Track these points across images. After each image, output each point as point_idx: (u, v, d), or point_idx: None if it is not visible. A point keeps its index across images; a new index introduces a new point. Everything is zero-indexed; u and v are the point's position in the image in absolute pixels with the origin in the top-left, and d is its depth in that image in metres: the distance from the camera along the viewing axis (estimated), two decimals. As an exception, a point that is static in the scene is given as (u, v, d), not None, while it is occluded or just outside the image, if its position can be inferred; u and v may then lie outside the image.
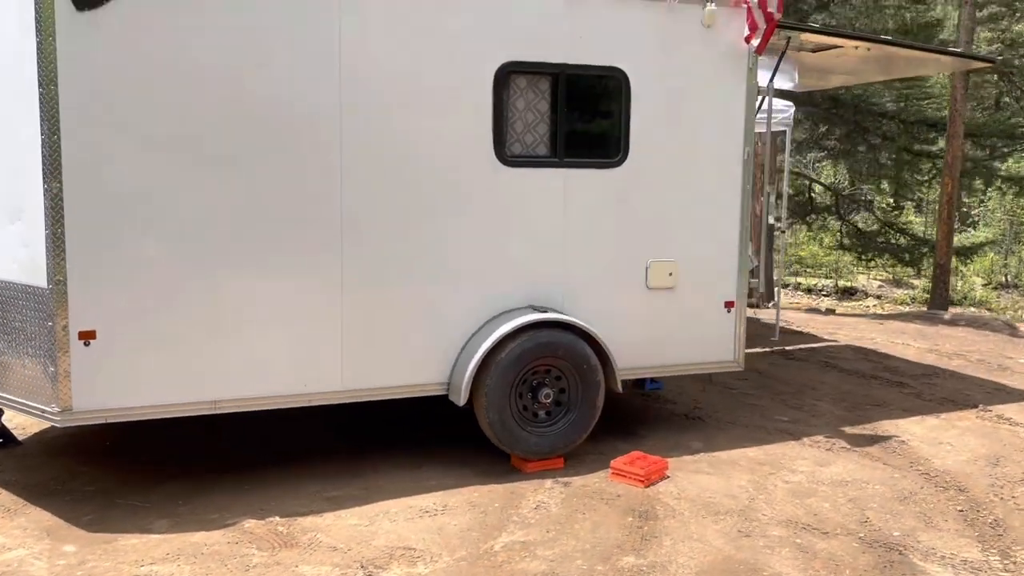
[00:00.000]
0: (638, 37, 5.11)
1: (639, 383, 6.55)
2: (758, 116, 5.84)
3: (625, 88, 5.10)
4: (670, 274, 5.34)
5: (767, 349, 8.31)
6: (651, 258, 5.29)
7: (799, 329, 9.67)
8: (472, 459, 5.04)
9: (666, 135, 5.26)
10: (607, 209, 5.16)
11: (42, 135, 3.97)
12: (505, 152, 4.88)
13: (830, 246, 18.29)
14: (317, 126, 4.46)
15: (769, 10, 5.16)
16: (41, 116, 3.97)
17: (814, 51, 6.45)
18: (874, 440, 5.55)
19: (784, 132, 8.58)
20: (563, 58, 4.93)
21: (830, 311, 12.43)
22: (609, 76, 5.07)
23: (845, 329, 9.80)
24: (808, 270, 20.73)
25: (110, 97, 4.07)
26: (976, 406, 6.37)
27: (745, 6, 5.21)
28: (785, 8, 5.72)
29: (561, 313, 5.01)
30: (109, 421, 4.31)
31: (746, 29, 5.23)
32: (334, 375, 4.63)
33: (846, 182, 17.61)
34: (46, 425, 5.17)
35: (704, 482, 4.77)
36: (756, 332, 9.11)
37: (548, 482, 4.78)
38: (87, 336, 4.15)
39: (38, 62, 3.93)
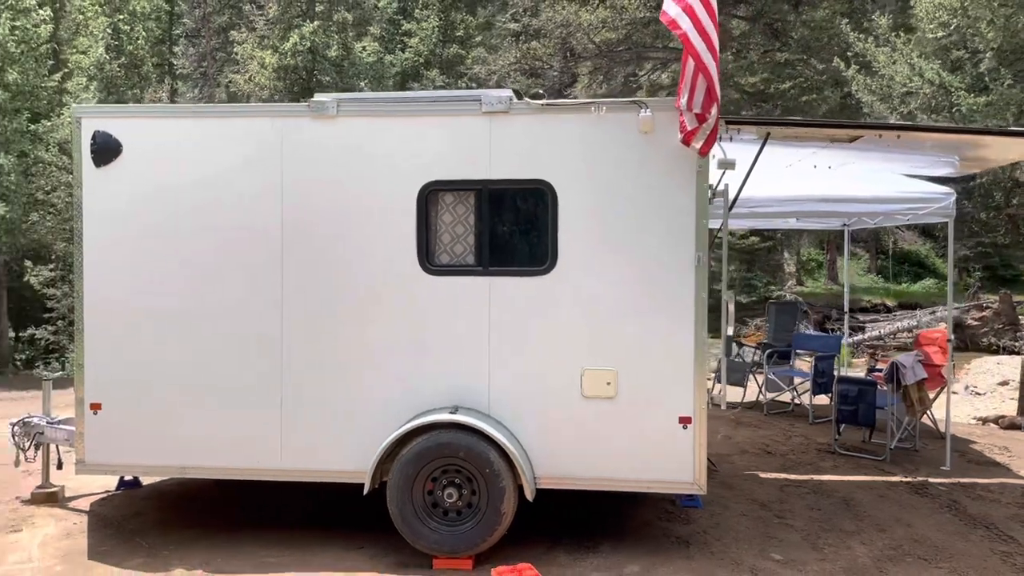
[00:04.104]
0: (565, 147, 5.18)
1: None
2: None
3: (551, 198, 5.18)
4: (608, 383, 5.16)
5: (905, 479, 7.01)
6: (586, 365, 5.18)
7: (1004, 461, 7.86)
8: (407, 547, 5.34)
9: (600, 241, 5.17)
10: (535, 315, 5.22)
11: (76, 254, 5.49)
12: (430, 262, 5.29)
13: None
14: (265, 246, 5.38)
15: (696, 111, 4.86)
16: (76, 239, 5.50)
17: (850, 141, 5.64)
18: (843, 598, 4.62)
19: (947, 223, 7.27)
20: (485, 174, 5.23)
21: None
22: (533, 188, 5.21)
23: (1081, 464, 7.72)
24: None
25: (116, 223, 5.46)
26: (1066, 580, 4.84)
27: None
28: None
29: (485, 415, 5.18)
30: (107, 474, 5.59)
31: (679, 134, 4.96)
32: (274, 456, 5.39)
33: None
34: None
35: (567, 607, 4.52)
36: (933, 456, 7.71)
37: (437, 581, 4.94)
38: (95, 407, 5.51)
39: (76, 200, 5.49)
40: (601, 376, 5.17)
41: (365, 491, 5.19)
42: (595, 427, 5.18)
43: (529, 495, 5.10)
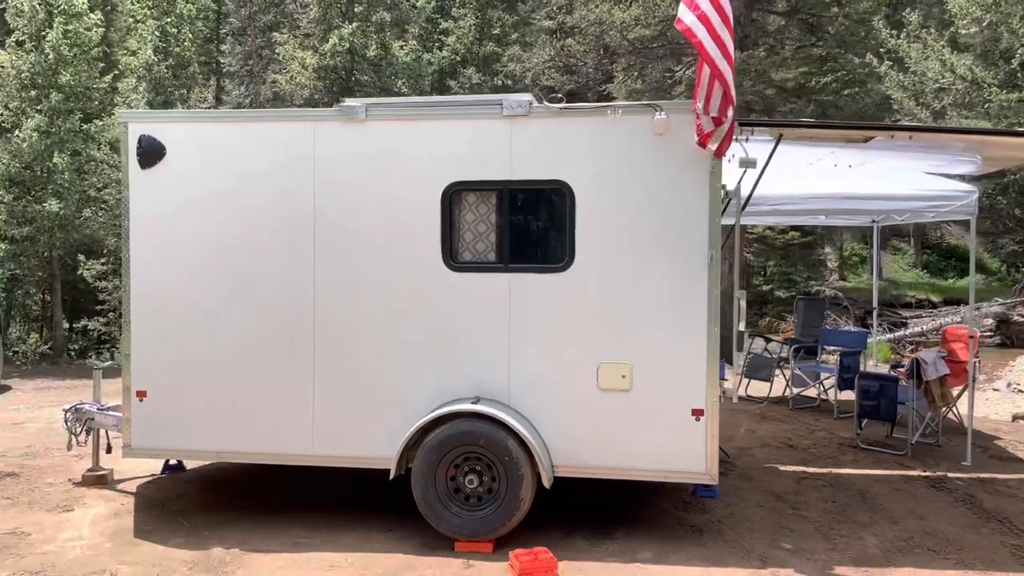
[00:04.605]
0: (582, 149, 5.39)
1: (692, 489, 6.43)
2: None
3: (569, 198, 5.40)
4: (623, 376, 5.36)
5: (924, 473, 7.10)
6: (602, 359, 5.39)
7: (1028, 456, 7.89)
8: (431, 530, 5.60)
9: (616, 240, 5.37)
10: (553, 310, 5.44)
11: (124, 250, 5.85)
12: (453, 259, 5.54)
13: None
14: (297, 244, 5.67)
15: (713, 115, 5.03)
16: (123, 236, 5.86)
17: (865, 141, 5.75)
18: (848, 585, 4.79)
19: (969, 221, 7.32)
20: (506, 175, 5.46)
21: None
22: (552, 188, 5.43)
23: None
24: None
25: (160, 220, 5.80)
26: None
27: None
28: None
29: (506, 405, 5.42)
30: (152, 457, 5.95)
31: (695, 136, 5.13)
32: (305, 442, 5.70)
33: None
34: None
35: (580, 588, 4.75)
36: (955, 451, 7.77)
37: (457, 562, 5.19)
38: (141, 394, 5.86)
39: (124, 199, 5.84)
40: (616, 369, 5.37)
41: (391, 476, 5.46)
42: (610, 418, 5.39)
43: (546, 482, 5.33)
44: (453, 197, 5.54)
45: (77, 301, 19.01)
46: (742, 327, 5.62)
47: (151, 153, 5.77)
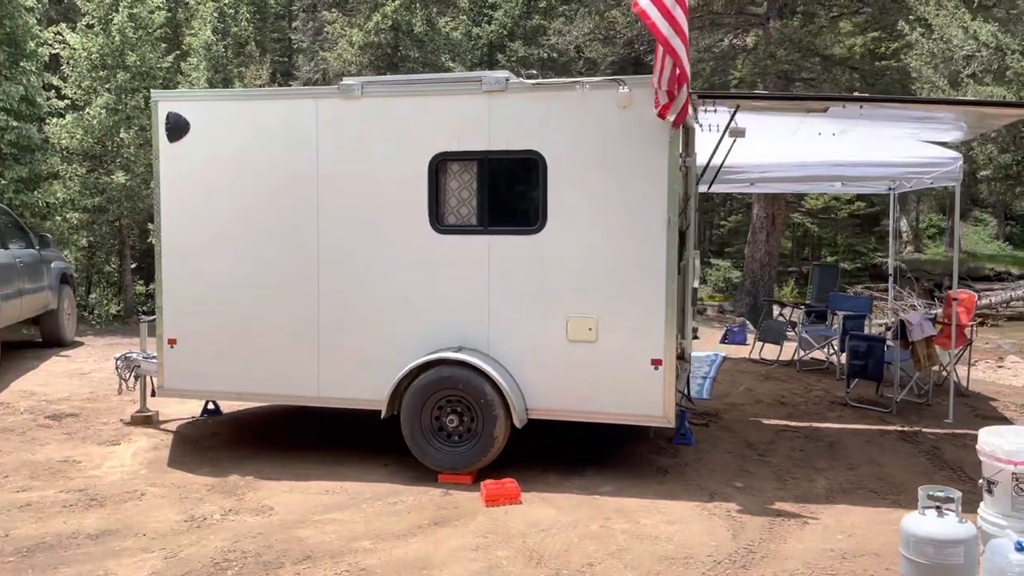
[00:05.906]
0: (553, 121, 5.90)
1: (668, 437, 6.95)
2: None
3: (542, 166, 5.93)
4: (590, 329, 5.90)
5: (900, 428, 7.43)
6: (571, 313, 5.93)
7: (1012, 417, 8.09)
8: (422, 466, 6.26)
9: (584, 204, 5.89)
10: (528, 269, 6.00)
11: (156, 216, 6.64)
12: (439, 223, 6.14)
13: None
14: (303, 208, 6.35)
15: (665, 89, 5.47)
16: (155, 204, 6.64)
17: (824, 111, 6.09)
18: (784, 516, 5.26)
19: (954, 187, 7.52)
20: (485, 146, 6.02)
21: None
22: (526, 157, 5.96)
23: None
24: None
25: (187, 188, 6.56)
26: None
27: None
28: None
29: (485, 354, 6.03)
30: (182, 398, 6.77)
31: (653, 108, 5.58)
32: (312, 386, 6.42)
33: None
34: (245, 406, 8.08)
35: (536, 513, 5.37)
36: (942, 410, 8.06)
37: (438, 490, 5.86)
38: (172, 342, 6.67)
39: (155, 170, 6.63)
40: (584, 323, 5.91)
41: (382, 416, 6.14)
42: (578, 367, 5.94)
43: (518, 423, 5.93)
44: (439, 166, 6.13)
45: (153, 267, 20.33)
46: (696, 284, 6.08)
47: (178, 128, 6.51)
